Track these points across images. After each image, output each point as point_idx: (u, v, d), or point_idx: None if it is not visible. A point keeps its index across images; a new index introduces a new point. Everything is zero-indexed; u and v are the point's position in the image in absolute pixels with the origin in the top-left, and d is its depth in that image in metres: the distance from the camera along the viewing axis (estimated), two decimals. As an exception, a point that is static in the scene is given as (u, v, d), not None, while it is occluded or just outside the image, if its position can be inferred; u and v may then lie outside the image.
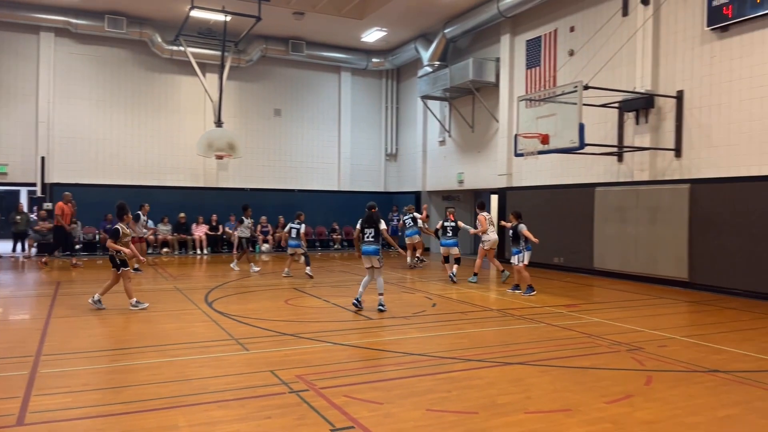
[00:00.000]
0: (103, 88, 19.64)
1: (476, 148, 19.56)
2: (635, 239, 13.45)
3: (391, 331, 8.08)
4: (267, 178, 22.05)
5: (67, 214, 15.16)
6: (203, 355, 6.53)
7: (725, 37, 11.81)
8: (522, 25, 17.38)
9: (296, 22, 19.38)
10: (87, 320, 8.47)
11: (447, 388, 5.44)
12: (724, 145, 11.84)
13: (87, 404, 4.87)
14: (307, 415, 4.66)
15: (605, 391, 5.41)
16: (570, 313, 9.47)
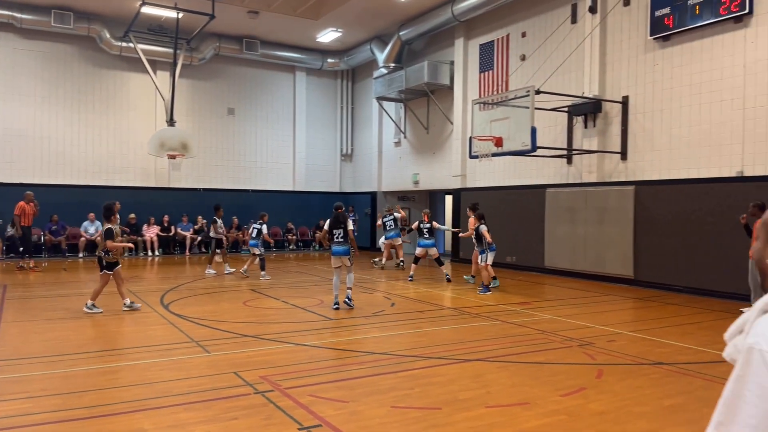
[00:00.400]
0: (48, 85, 18.99)
1: (431, 150, 19.86)
2: (584, 239, 13.97)
3: (351, 331, 8.19)
4: (220, 178, 21.77)
5: (28, 214, 14.58)
6: (164, 359, 6.48)
7: (667, 46, 12.42)
8: (475, 29, 17.76)
9: (251, 21, 19.23)
10: (39, 325, 8.24)
11: (410, 386, 5.60)
12: (665, 149, 12.45)
13: (48, 409, 4.78)
14: (274, 415, 4.73)
15: (560, 384, 5.67)
16: (524, 310, 9.79)
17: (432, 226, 13.61)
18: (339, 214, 9.59)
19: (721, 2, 11.26)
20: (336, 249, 9.50)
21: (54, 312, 9.25)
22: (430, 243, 13.47)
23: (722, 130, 11.41)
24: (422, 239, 13.51)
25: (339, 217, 9.55)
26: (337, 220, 9.52)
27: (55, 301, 10.47)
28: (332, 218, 9.57)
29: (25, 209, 14.54)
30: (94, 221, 18.82)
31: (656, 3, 12.40)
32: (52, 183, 18.64)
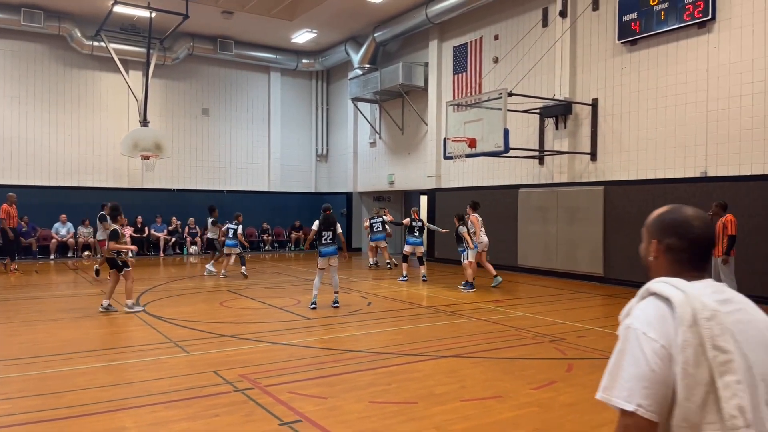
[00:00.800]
0: (18, 85, 18.66)
1: (406, 150, 20.05)
2: (555, 238, 14.29)
3: (329, 330, 8.30)
4: (194, 179, 21.64)
5: (13, 216, 14.34)
6: (142, 359, 6.51)
7: (634, 50, 12.78)
8: (449, 31, 17.99)
9: (225, 21, 19.17)
10: (12, 327, 8.18)
11: (387, 382, 5.74)
12: (633, 150, 12.81)
13: (28, 410, 4.80)
14: (255, 411, 4.82)
15: (531, 378, 5.87)
16: (498, 308, 10.01)
17: (423, 224, 13.77)
18: (329, 215, 9.71)
19: (685, 8, 11.64)
20: (326, 250, 9.58)
21: (28, 314, 9.17)
22: (419, 241, 13.63)
23: (687, 132, 11.81)
24: (412, 237, 13.66)
25: (329, 219, 9.66)
26: (328, 222, 9.63)
27: (29, 303, 10.36)
28: (322, 219, 9.63)
29: (10, 212, 14.30)
30: (65, 223, 18.58)
31: (623, 8, 12.76)
32: (22, 184, 18.31)
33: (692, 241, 1.67)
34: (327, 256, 9.59)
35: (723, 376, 1.46)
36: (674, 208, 1.76)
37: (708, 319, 1.49)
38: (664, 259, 1.71)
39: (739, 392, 1.46)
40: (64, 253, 18.61)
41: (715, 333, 1.48)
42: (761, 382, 1.52)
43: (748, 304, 1.64)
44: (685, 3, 11.63)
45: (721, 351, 1.47)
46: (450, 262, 16.86)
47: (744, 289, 10.14)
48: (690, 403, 1.47)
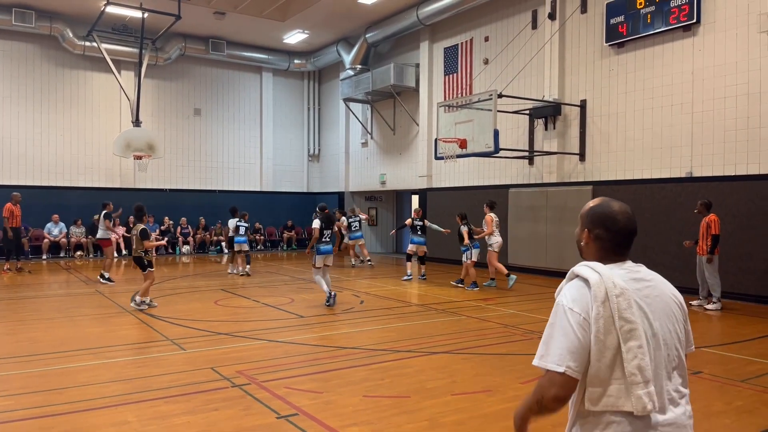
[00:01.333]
0: (9, 84, 18.65)
1: (398, 150, 20.22)
2: (545, 237, 14.51)
3: (323, 328, 8.45)
4: (187, 179, 21.70)
5: (16, 215, 14.37)
6: (140, 356, 6.64)
7: (621, 52, 13.02)
8: (440, 33, 18.17)
9: (217, 22, 19.25)
10: (8, 326, 8.27)
11: (380, 377, 5.90)
12: (621, 151, 13.05)
13: (31, 406, 4.93)
14: (252, 405, 4.97)
15: (520, 373, 6.06)
16: (488, 306, 10.20)
17: (424, 224, 13.87)
18: (329, 214, 10.01)
19: (670, 12, 11.89)
20: (325, 248, 9.82)
21: (24, 313, 9.26)
22: (421, 241, 13.76)
23: (673, 133, 12.05)
24: (415, 236, 13.77)
25: (330, 218, 10.00)
26: (329, 221, 9.95)
27: (23, 303, 10.45)
28: (324, 218, 9.83)
29: (13, 211, 14.34)
30: (57, 223, 18.59)
31: (611, 11, 12.99)
32: (14, 184, 18.28)
33: (616, 233, 1.98)
34: (326, 254, 9.79)
35: (627, 342, 1.79)
36: (604, 202, 2.07)
37: (617, 296, 1.82)
38: (593, 245, 2.03)
39: (639, 355, 1.78)
40: (57, 253, 18.62)
41: (622, 307, 1.81)
42: (664, 345, 1.87)
43: (658, 279, 1.99)
44: (671, 6, 11.87)
45: (627, 321, 1.80)
46: (444, 261, 17.05)
47: (728, 286, 10.43)
48: (600, 363, 1.80)
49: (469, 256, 12.05)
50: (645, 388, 1.78)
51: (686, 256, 10.86)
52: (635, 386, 1.78)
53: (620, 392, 1.80)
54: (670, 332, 1.90)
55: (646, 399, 1.77)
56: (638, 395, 1.78)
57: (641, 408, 1.78)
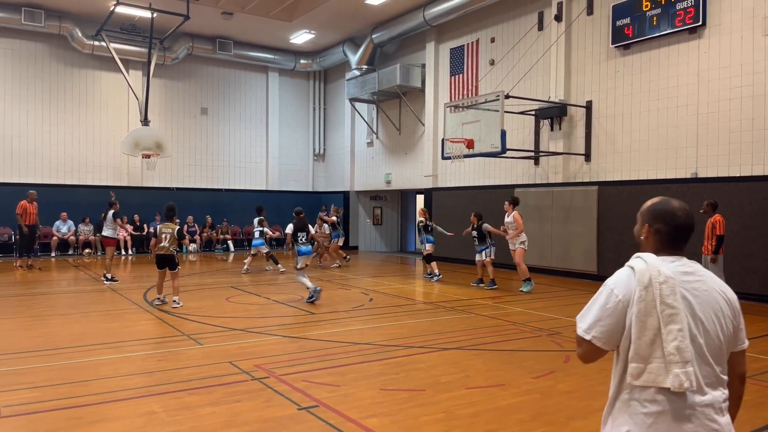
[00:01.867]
0: (18, 83, 18.80)
1: (403, 150, 20.36)
2: (551, 236, 14.64)
3: (334, 324, 8.59)
4: (194, 178, 21.85)
5: (31, 213, 14.51)
6: (159, 350, 6.79)
7: (627, 54, 13.15)
8: (446, 33, 18.31)
9: (224, 22, 19.39)
10: (24, 322, 8.42)
11: (395, 371, 6.05)
12: (626, 151, 13.18)
13: (58, 397, 5.08)
14: (273, 398, 5.12)
15: (531, 369, 6.20)
16: (495, 304, 10.34)
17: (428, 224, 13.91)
18: (302, 218, 10.42)
19: (676, 14, 12.02)
20: (305, 249, 10.24)
21: (38, 309, 9.42)
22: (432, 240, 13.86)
23: (678, 134, 12.18)
24: (430, 236, 13.76)
25: (302, 221, 10.37)
26: (301, 224, 10.32)
27: (36, 299, 10.61)
28: (296, 222, 10.33)
29: (27, 208, 14.49)
30: (66, 221, 18.75)
31: (617, 13, 13.12)
32: (23, 182, 18.45)
33: (675, 227, 2.16)
34: (305, 255, 10.24)
35: (668, 325, 1.98)
36: (664, 200, 2.23)
37: (661, 282, 2.02)
38: (652, 239, 2.20)
39: (679, 337, 1.97)
40: (65, 250, 18.79)
41: (665, 293, 2.00)
42: (705, 334, 2.04)
43: (709, 276, 2.16)
44: (677, 9, 12.00)
45: (669, 306, 1.99)
46: (446, 261, 17.19)
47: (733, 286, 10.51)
48: (641, 342, 2.00)
49: (488, 254, 12.17)
50: (683, 367, 1.94)
51: (691, 256, 10.98)
52: (673, 365, 1.95)
53: (659, 370, 1.97)
54: (714, 324, 2.05)
55: (683, 377, 1.94)
56: (676, 373, 1.94)
57: (678, 384, 1.94)
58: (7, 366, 6.01)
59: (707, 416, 1.99)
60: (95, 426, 4.42)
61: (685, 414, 1.98)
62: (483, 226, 12.17)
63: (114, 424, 4.46)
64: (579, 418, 4.75)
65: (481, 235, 12.20)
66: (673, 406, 1.98)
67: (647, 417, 2.01)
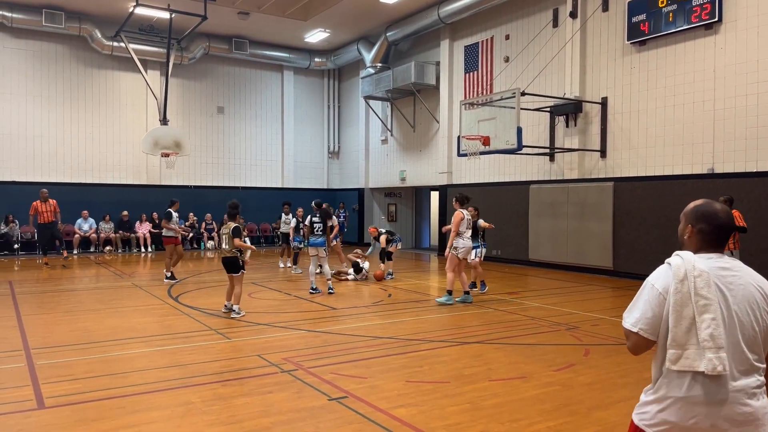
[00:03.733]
0: (39, 84, 19.17)
1: (418, 147, 20.50)
2: (566, 232, 14.74)
3: (356, 319, 8.78)
4: (211, 176, 22.15)
5: (41, 212, 14.82)
6: (189, 344, 7.01)
7: (643, 50, 13.20)
8: (460, 31, 18.41)
9: (240, 22, 19.62)
10: (58, 317, 8.69)
11: (419, 364, 6.23)
12: (642, 147, 13.24)
13: (98, 388, 5.31)
14: (304, 389, 5.32)
15: (552, 362, 6.35)
16: (513, 299, 10.48)
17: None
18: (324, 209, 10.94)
19: (692, 10, 12.05)
20: (314, 240, 10.80)
21: (69, 305, 9.71)
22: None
23: (694, 130, 12.23)
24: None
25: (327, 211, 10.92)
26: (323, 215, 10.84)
27: (65, 295, 10.91)
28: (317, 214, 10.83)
29: (38, 208, 14.80)
30: (87, 218, 19.11)
31: (633, 9, 13.17)
32: (45, 181, 18.82)
33: (717, 228, 2.34)
34: (314, 246, 10.81)
35: (702, 315, 2.17)
36: (707, 202, 2.41)
37: (696, 276, 2.21)
38: (695, 238, 2.38)
39: (713, 325, 2.15)
40: (87, 248, 19.15)
41: (699, 286, 2.19)
42: (740, 324, 2.21)
43: (746, 272, 2.31)
44: (693, 5, 12.04)
45: (703, 297, 2.18)
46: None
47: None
48: (677, 330, 2.20)
49: (477, 254, 10.97)
50: (716, 353, 2.13)
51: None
52: (707, 350, 2.14)
53: (695, 355, 2.16)
54: (748, 315, 2.22)
55: (717, 362, 2.13)
56: (709, 358, 2.13)
57: (711, 368, 2.13)
58: (47, 359, 6.26)
59: (739, 400, 2.16)
60: (138, 415, 4.64)
61: (718, 398, 2.16)
62: (477, 222, 11.02)
63: (156, 413, 4.69)
64: (600, 409, 4.90)
65: (475, 231, 10.86)
66: (708, 389, 2.16)
67: (682, 400, 2.20)
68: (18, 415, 4.65)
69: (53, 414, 4.69)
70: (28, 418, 4.59)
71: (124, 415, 4.63)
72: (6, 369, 5.94)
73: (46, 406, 4.85)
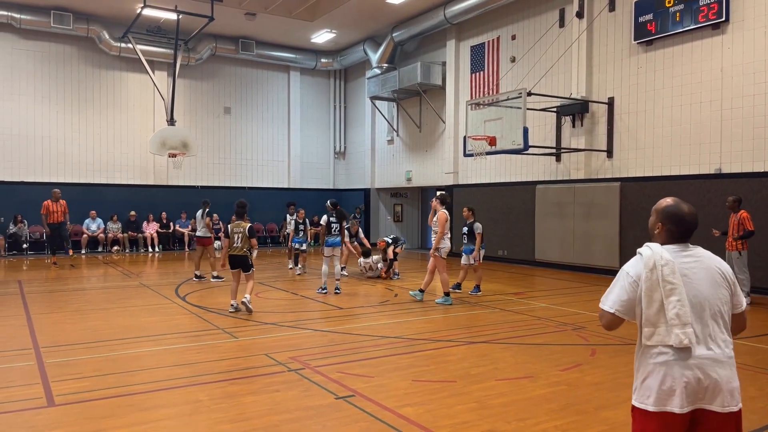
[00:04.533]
0: (48, 85, 19.29)
1: (424, 147, 20.51)
2: (572, 232, 14.71)
3: (363, 319, 8.81)
4: (218, 176, 22.24)
5: (52, 212, 14.93)
6: (197, 343, 7.05)
7: (650, 50, 13.16)
8: (466, 31, 18.41)
9: (247, 22, 19.68)
10: (67, 316, 8.76)
11: (426, 363, 6.25)
12: (649, 147, 13.21)
13: (107, 386, 5.35)
14: (311, 388, 5.34)
15: (558, 361, 6.35)
16: (519, 300, 10.48)
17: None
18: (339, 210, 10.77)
19: (699, 10, 12.02)
20: (330, 240, 10.66)
21: (78, 304, 9.78)
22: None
23: (702, 130, 12.19)
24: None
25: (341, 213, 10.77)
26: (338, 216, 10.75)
27: (74, 294, 10.98)
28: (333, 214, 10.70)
29: (50, 207, 14.91)
30: (95, 218, 19.22)
31: (640, 9, 13.14)
32: (53, 181, 18.93)
33: (683, 228, 2.72)
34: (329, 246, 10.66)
35: (668, 297, 2.55)
36: (677, 203, 2.78)
37: (663, 265, 2.58)
38: (664, 234, 2.76)
39: (678, 306, 2.53)
40: (95, 247, 19.27)
41: (665, 273, 2.57)
42: (706, 303, 2.59)
43: (707, 256, 2.70)
44: (700, 5, 12.00)
45: (669, 283, 2.56)
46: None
47: (756, 281, 10.55)
48: (649, 311, 2.58)
49: (478, 257, 10.75)
50: (682, 328, 2.52)
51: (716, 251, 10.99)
52: (674, 327, 2.53)
53: (665, 332, 2.55)
54: (712, 294, 2.61)
55: (683, 336, 2.51)
56: (677, 333, 2.52)
57: (678, 342, 2.51)
58: (55, 357, 6.31)
59: (706, 366, 2.52)
60: (148, 412, 4.68)
61: (687, 363, 2.52)
62: (475, 224, 10.77)
63: (166, 410, 4.72)
64: (608, 408, 4.91)
65: (471, 234, 10.81)
66: (678, 356, 2.54)
67: (659, 366, 2.57)
68: (28, 412, 4.70)
69: (63, 411, 4.73)
70: (38, 416, 4.63)
71: (134, 413, 4.67)
72: (16, 367, 5.99)
73: (56, 404, 4.89)
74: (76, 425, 4.43)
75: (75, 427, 4.40)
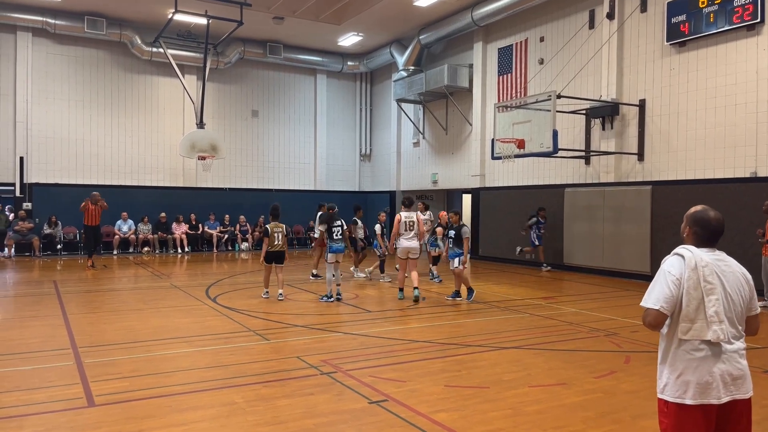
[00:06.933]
0: (81, 89, 19.72)
1: (450, 150, 20.46)
2: (602, 236, 14.53)
3: (392, 322, 8.82)
4: (245, 178, 22.48)
5: (91, 214, 15.24)
6: (230, 345, 7.14)
7: (683, 51, 12.95)
8: (494, 33, 18.32)
9: (275, 26, 19.87)
10: (103, 316, 8.93)
11: (457, 369, 6.23)
12: (681, 150, 12.99)
13: (146, 387, 5.46)
14: (344, 391, 5.37)
15: (592, 368, 6.28)
16: (548, 304, 10.39)
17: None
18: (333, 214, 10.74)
19: (734, 11, 11.78)
20: (335, 246, 10.40)
21: (114, 305, 9.98)
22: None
23: (736, 133, 11.95)
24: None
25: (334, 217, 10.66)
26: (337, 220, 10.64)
27: (109, 295, 11.21)
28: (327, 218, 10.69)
29: (88, 209, 15.22)
30: (126, 220, 19.57)
31: (672, 10, 12.94)
32: (86, 183, 19.34)
33: (709, 232, 2.96)
34: (335, 252, 10.39)
35: (708, 296, 2.80)
36: (704, 209, 3.01)
37: (703, 266, 2.83)
38: (692, 237, 3.01)
39: (717, 304, 2.79)
40: (126, 248, 19.62)
41: (706, 273, 2.82)
42: (732, 302, 2.85)
43: (733, 262, 2.95)
44: (734, 5, 11.77)
45: (709, 283, 2.81)
46: (495, 260, 17.24)
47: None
48: (689, 308, 2.81)
49: (461, 261, 10.48)
50: (720, 325, 2.78)
51: (751, 256, 10.76)
52: (713, 323, 2.78)
53: (703, 327, 2.79)
54: (737, 295, 2.87)
55: (720, 332, 2.78)
56: (714, 329, 2.78)
57: (716, 337, 2.77)
58: (94, 357, 6.45)
59: (734, 360, 2.82)
60: (186, 413, 4.75)
61: (720, 357, 2.79)
62: (463, 229, 10.47)
63: (202, 412, 4.80)
64: (645, 418, 4.84)
65: (459, 238, 10.50)
66: (713, 351, 2.80)
67: (694, 360, 2.80)
68: (70, 412, 4.81)
69: (103, 411, 4.83)
70: (79, 416, 4.74)
71: (172, 413, 4.75)
72: (56, 367, 6.13)
73: (96, 404, 5.00)
74: (117, 425, 4.52)
75: (116, 426, 4.50)
